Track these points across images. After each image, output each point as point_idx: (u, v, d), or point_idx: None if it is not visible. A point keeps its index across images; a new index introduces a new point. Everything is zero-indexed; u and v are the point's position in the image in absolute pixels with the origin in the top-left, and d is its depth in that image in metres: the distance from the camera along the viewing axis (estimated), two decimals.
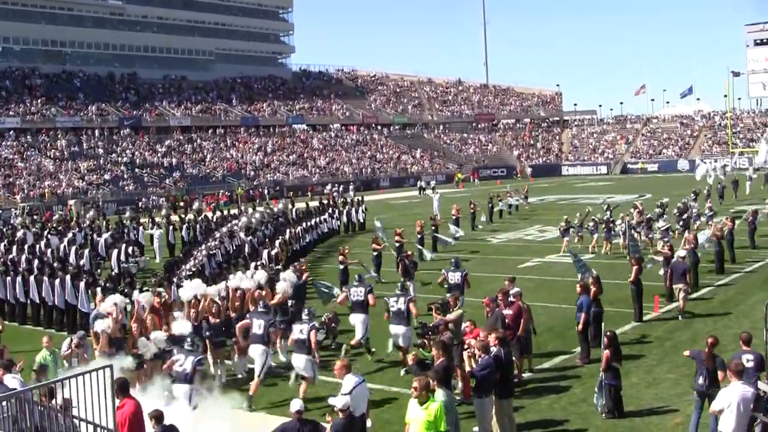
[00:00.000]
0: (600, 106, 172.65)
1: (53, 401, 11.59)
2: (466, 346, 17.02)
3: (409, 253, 30.61)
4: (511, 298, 19.66)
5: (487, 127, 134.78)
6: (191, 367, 16.11)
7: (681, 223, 38.26)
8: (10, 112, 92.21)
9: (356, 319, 21.23)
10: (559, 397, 18.00)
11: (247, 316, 19.80)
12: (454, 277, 23.49)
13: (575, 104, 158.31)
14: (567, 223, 39.10)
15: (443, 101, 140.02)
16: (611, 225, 38.40)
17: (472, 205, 51.08)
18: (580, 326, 20.47)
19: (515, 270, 28.84)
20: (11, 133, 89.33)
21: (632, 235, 33.51)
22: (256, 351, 18.56)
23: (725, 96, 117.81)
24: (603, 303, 21.89)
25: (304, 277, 25.29)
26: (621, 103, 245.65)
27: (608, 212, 42.43)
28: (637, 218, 39.28)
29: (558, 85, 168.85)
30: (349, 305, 21.88)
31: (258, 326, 18.66)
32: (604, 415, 16.42)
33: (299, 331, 18.01)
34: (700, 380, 14.69)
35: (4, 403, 10.09)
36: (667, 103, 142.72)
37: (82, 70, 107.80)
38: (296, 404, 12.36)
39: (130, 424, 12.52)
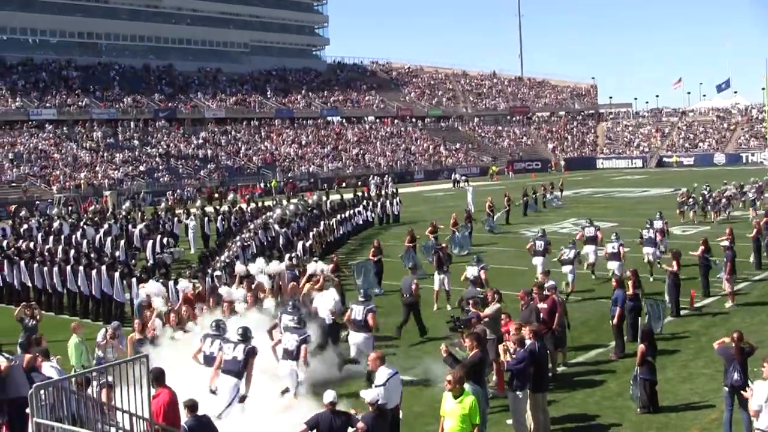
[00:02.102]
0: (635, 99, 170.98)
1: (89, 390, 11.66)
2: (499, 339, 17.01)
3: (444, 245, 30.73)
4: (545, 292, 19.62)
5: (522, 120, 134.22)
6: (296, 344, 16.58)
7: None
8: (47, 104, 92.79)
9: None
10: (594, 391, 17.94)
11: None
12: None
13: (610, 97, 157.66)
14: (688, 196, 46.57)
15: (478, 94, 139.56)
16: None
17: (506, 199, 50.94)
18: (615, 320, 20.40)
19: (550, 263, 28.65)
20: (48, 125, 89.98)
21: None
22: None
23: (763, 89, 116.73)
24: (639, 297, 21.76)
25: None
26: (657, 96, 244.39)
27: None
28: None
29: (593, 78, 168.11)
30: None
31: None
32: (639, 409, 16.35)
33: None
34: (735, 376, 14.57)
35: (42, 391, 10.17)
36: (704, 96, 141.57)
37: (118, 63, 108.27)
38: (330, 395, 12.37)
39: (165, 413, 12.63)
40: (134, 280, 25.83)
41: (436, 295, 26.29)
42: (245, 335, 15.63)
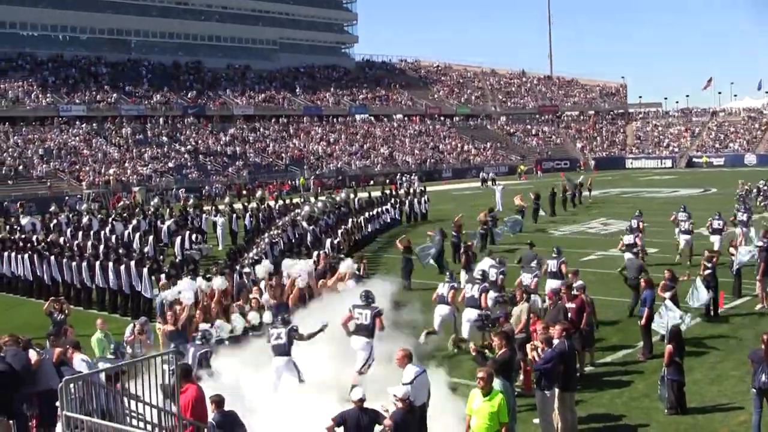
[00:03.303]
0: (665, 98, 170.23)
1: (117, 385, 11.73)
2: (525, 338, 16.98)
3: (470, 243, 30.79)
4: (574, 292, 19.58)
5: (551, 119, 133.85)
6: (371, 318, 17.51)
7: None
8: (77, 100, 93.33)
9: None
10: (621, 392, 17.90)
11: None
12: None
13: (640, 97, 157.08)
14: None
15: (507, 92, 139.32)
16: None
17: (534, 197, 50.77)
18: (644, 321, 20.28)
19: (578, 263, 28.63)
20: (78, 121, 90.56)
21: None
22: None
23: None
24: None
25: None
26: (687, 95, 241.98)
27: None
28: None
29: (623, 77, 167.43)
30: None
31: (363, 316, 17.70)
32: (666, 410, 16.29)
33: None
34: (763, 378, 14.48)
35: (71, 384, 10.24)
36: (735, 96, 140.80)
37: (147, 59, 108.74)
38: (358, 393, 12.39)
39: (193, 408, 12.70)
40: (162, 275, 25.94)
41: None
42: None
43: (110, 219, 45.29)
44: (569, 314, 18.66)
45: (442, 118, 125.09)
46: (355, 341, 17.71)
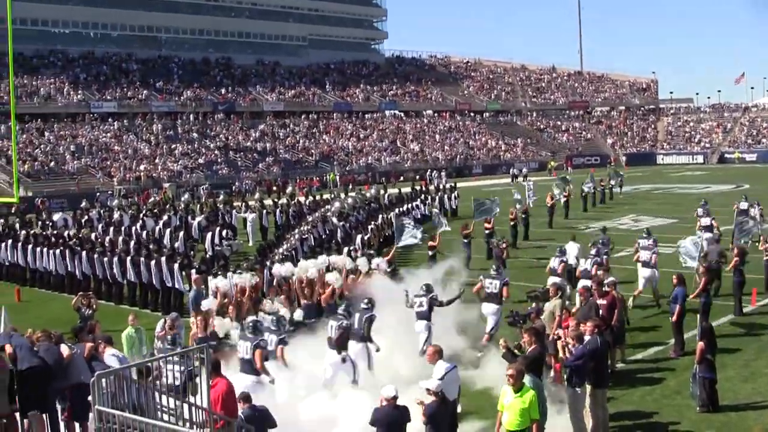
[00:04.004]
0: (697, 94, 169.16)
1: (148, 379, 11.79)
2: (557, 336, 16.91)
3: (505, 240, 30.90)
4: (605, 288, 19.48)
5: (581, 115, 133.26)
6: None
7: None
8: (108, 97, 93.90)
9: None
10: (653, 389, 17.80)
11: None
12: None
13: (671, 92, 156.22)
14: None
15: (537, 88, 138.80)
16: None
17: (565, 194, 50.57)
18: (675, 318, 20.18)
19: (609, 259, 28.45)
20: (109, 117, 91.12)
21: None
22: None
23: None
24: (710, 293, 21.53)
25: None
26: (719, 91, 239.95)
27: None
28: None
29: (654, 73, 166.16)
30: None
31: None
32: (698, 408, 16.18)
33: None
34: None
35: (103, 379, 10.29)
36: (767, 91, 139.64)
37: (177, 56, 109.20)
38: (390, 390, 12.39)
39: (223, 402, 12.78)
40: (193, 271, 26.03)
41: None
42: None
43: (141, 215, 45.57)
44: (600, 311, 18.56)
45: (472, 114, 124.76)
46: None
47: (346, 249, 28.45)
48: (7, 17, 34.21)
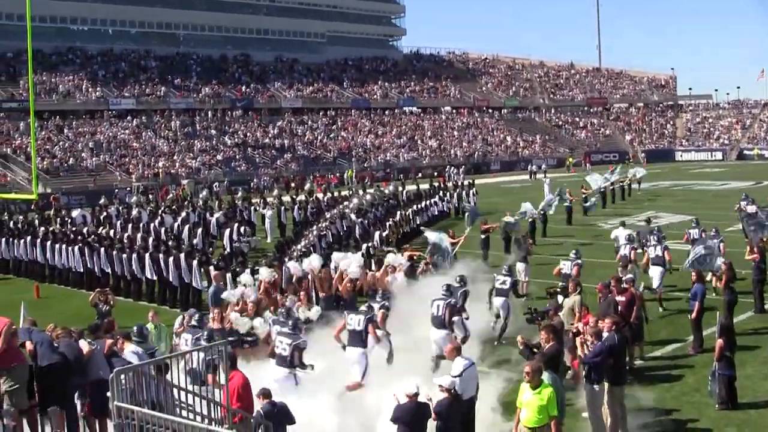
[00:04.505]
0: (716, 90, 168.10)
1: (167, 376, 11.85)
2: (576, 332, 16.90)
3: (529, 241, 31.03)
4: (624, 285, 19.43)
5: (599, 111, 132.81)
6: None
7: None
8: (126, 94, 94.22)
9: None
10: (671, 386, 17.76)
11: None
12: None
13: (690, 88, 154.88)
14: None
15: (555, 84, 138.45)
16: None
17: (583, 190, 50.47)
18: (694, 314, 20.11)
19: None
20: (127, 114, 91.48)
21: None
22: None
23: None
24: (719, 291, 21.44)
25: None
26: (738, 87, 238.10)
27: None
28: None
29: (672, 69, 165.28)
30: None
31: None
32: (717, 405, 16.12)
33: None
34: None
35: (122, 375, 10.34)
36: None
37: (196, 53, 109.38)
38: (411, 387, 12.38)
39: (239, 395, 12.92)
40: (211, 268, 26.10)
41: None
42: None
43: (159, 211, 45.69)
44: (619, 307, 18.52)
45: (490, 111, 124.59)
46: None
47: (364, 246, 28.48)
48: (27, 15, 34.37)
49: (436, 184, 55.41)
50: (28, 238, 35.77)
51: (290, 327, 16.34)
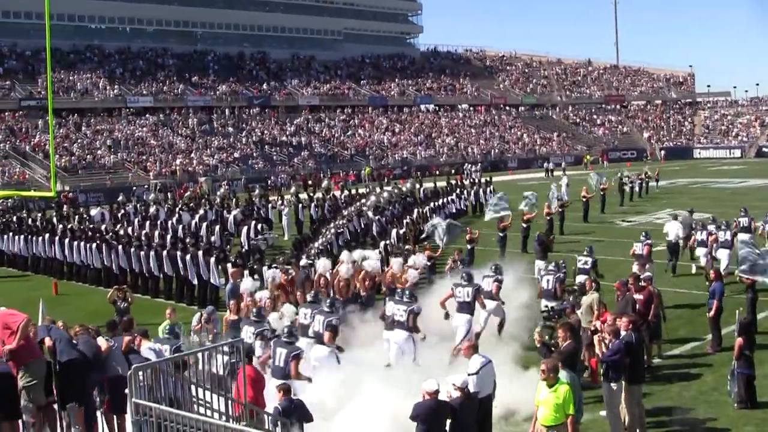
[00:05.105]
0: (734, 87, 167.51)
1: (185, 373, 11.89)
2: (594, 330, 16.86)
3: (551, 236, 31.15)
4: (641, 283, 19.36)
5: (617, 109, 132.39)
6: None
7: None
8: (144, 92, 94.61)
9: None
10: (689, 385, 17.68)
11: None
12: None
13: (708, 86, 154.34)
14: None
15: (572, 82, 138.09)
16: None
17: (601, 187, 50.32)
18: (712, 313, 20.02)
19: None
20: (145, 113, 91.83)
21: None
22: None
23: None
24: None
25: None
26: (757, 84, 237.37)
27: None
28: None
29: (691, 66, 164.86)
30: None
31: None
32: (736, 404, 16.05)
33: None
34: None
35: (140, 372, 10.37)
36: None
37: (213, 50, 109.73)
38: (432, 384, 12.35)
39: (251, 387, 12.94)
40: (229, 265, 26.15)
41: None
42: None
43: (177, 209, 45.82)
44: (637, 305, 18.46)
45: (507, 108, 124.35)
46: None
47: (381, 243, 28.47)
48: (45, 13, 34.49)
49: (453, 182, 55.34)
50: (47, 235, 35.95)
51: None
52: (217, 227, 38.49)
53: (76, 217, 45.90)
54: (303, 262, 24.41)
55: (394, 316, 18.09)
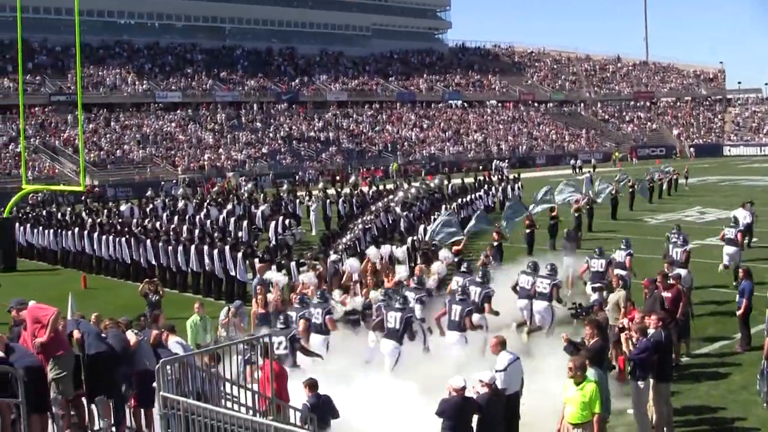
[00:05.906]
0: (766, 84, 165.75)
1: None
2: (621, 327, 16.80)
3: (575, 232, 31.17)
4: (670, 281, 19.25)
5: (646, 105, 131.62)
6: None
7: None
8: (172, 87, 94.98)
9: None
10: (718, 384, 17.59)
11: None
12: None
13: (739, 82, 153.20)
14: None
15: (601, 78, 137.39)
16: None
17: (630, 185, 50.05)
18: (741, 311, 19.88)
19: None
20: (174, 107, 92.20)
21: None
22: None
23: None
24: None
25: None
26: None
27: None
28: None
29: (721, 62, 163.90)
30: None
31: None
32: (765, 404, 15.94)
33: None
34: None
35: (168, 366, 10.42)
36: None
37: (241, 46, 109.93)
38: (459, 381, 12.33)
39: (275, 382, 13.01)
40: (256, 260, 26.21)
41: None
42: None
43: (205, 204, 45.98)
44: (665, 303, 18.37)
45: (536, 104, 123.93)
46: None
47: (409, 239, 28.45)
48: (75, 9, 34.74)
49: (481, 178, 55.24)
50: (76, 229, 36.22)
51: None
52: (245, 222, 38.62)
53: (105, 211, 46.17)
54: (332, 257, 24.46)
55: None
